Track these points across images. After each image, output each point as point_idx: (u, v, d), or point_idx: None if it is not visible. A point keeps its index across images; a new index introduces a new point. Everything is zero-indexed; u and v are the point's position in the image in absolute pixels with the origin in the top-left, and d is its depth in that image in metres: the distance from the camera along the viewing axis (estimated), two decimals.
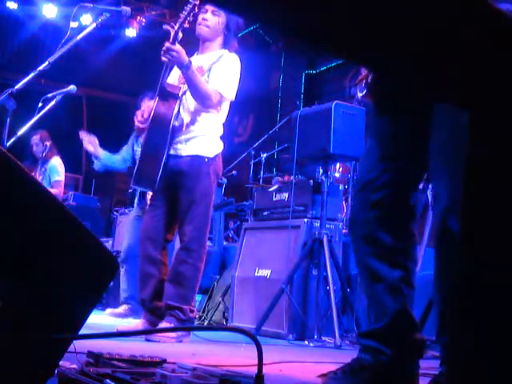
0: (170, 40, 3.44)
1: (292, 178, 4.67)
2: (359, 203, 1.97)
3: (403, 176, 1.93)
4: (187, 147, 3.58)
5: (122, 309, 4.90)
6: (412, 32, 0.70)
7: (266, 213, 4.88)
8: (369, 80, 2.01)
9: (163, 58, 3.46)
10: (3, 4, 9.89)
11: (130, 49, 10.79)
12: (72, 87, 4.51)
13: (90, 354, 1.78)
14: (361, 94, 2.04)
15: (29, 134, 4.64)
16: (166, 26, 3.55)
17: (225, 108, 3.68)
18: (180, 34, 3.47)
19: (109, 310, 4.94)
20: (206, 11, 3.63)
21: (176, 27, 3.45)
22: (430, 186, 4.42)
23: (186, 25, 3.51)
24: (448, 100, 1.02)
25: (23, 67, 4.62)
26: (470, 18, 0.70)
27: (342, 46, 0.74)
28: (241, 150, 7.27)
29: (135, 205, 5.16)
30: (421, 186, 4.01)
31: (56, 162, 6.59)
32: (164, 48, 3.42)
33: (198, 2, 3.49)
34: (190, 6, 3.47)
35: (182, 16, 3.49)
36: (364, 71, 2.05)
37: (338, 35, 0.71)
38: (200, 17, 3.63)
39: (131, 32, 10.38)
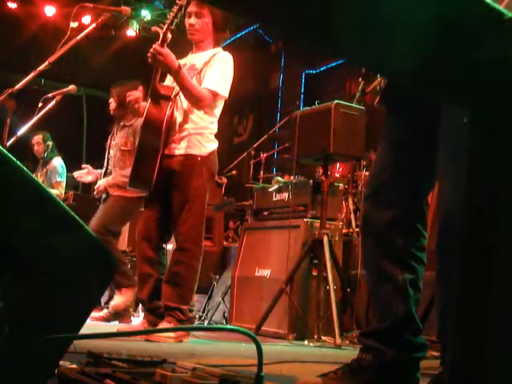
0: (159, 42, 3.42)
1: (292, 178, 4.67)
2: (372, 204, 1.97)
3: (415, 178, 1.93)
4: (180, 146, 3.58)
5: (103, 313, 4.74)
6: (412, 32, 0.70)
7: (266, 213, 4.88)
8: (382, 85, 2.01)
9: (149, 61, 3.44)
10: (3, 4, 9.89)
11: (129, 49, 10.78)
12: (72, 87, 4.52)
13: (89, 353, 1.77)
14: (376, 102, 2.04)
15: (29, 134, 4.64)
16: (154, 28, 3.54)
17: (219, 106, 3.67)
18: (169, 36, 3.45)
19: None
20: (190, 15, 3.62)
21: (164, 29, 3.44)
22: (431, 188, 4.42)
23: (174, 27, 3.50)
24: (448, 100, 1.02)
25: (23, 67, 4.61)
26: (469, 17, 0.70)
27: (342, 46, 0.74)
28: (241, 149, 7.26)
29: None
30: None
31: (58, 163, 6.59)
32: (152, 50, 3.40)
33: (184, 3, 3.48)
34: (176, 7, 3.46)
35: (169, 17, 3.48)
36: (376, 77, 2.05)
37: (337, 35, 0.71)
38: (186, 23, 3.62)
39: (131, 32, 10.37)
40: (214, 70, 3.59)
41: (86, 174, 4.92)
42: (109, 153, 4.83)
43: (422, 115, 1.88)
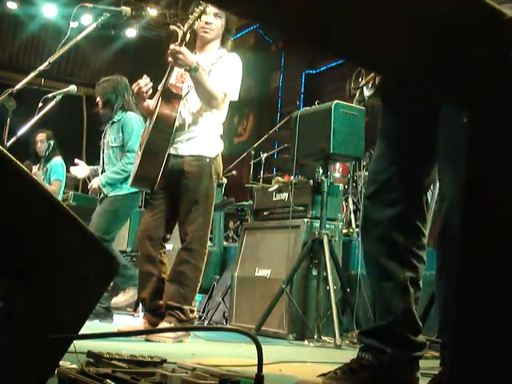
0: (178, 41, 3.42)
1: (292, 178, 4.67)
2: (372, 204, 1.97)
3: (415, 177, 1.94)
4: (188, 147, 3.58)
5: None
6: (412, 32, 0.70)
7: (266, 213, 4.88)
8: (376, 81, 2.01)
9: (169, 60, 3.45)
10: (3, 4, 9.89)
11: (129, 49, 10.79)
12: (72, 87, 4.52)
13: (90, 353, 1.77)
14: (368, 95, 2.04)
15: (29, 133, 4.65)
16: (173, 27, 3.54)
17: (225, 107, 3.68)
18: (188, 36, 3.46)
19: None
20: (208, 14, 3.63)
21: (185, 29, 3.44)
22: (430, 186, 4.42)
23: (195, 27, 3.51)
24: (448, 100, 1.02)
25: (23, 67, 4.62)
26: (469, 17, 0.70)
27: (342, 46, 0.74)
28: (241, 149, 7.27)
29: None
30: None
31: (58, 162, 6.61)
32: (170, 51, 3.41)
33: (208, 5, 3.48)
34: (201, 8, 3.46)
35: (191, 18, 3.47)
36: (370, 72, 2.05)
37: (337, 35, 0.71)
38: (202, 20, 3.62)
39: (131, 32, 10.38)
40: (224, 71, 3.59)
41: (79, 169, 4.93)
42: (103, 152, 4.85)
43: (420, 112, 1.88)
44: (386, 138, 2.00)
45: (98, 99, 4.81)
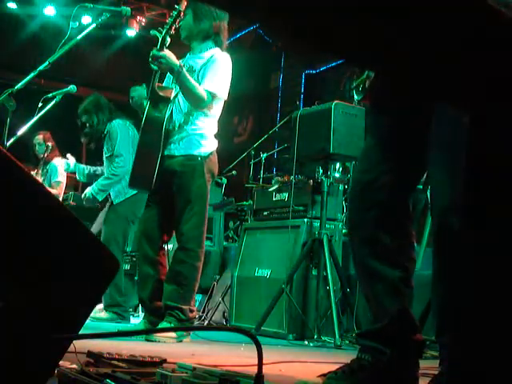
0: (158, 46, 3.46)
1: (292, 178, 4.67)
2: (358, 204, 1.97)
3: (402, 176, 1.93)
4: (180, 147, 3.60)
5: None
6: (411, 32, 0.70)
7: (265, 213, 4.88)
8: (366, 84, 2.01)
9: (152, 65, 3.49)
10: (3, 4, 9.89)
11: (130, 49, 10.78)
12: (72, 87, 4.53)
13: (90, 353, 1.78)
14: (357, 99, 2.04)
15: (29, 134, 4.68)
16: (153, 32, 3.57)
17: (218, 106, 3.68)
18: (168, 40, 3.49)
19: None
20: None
21: (163, 33, 3.47)
22: (429, 186, 4.42)
23: (173, 31, 3.53)
24: (448, 100, 1.02)
25: (23, 67, 4.63)
26: (469, 18, 0.70)
27: (342, 46, 0.74)
28: (241, 149, 7.26)
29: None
30: (421, 186, 4.03)
31: (57, 163, 6.61)
32: (151, 55, 3.45)
33: (183, 9, 3.51)
34: (175, 12, 3.50)
35: (168, 22, 3.52)
36: (359, 75, 2.05)
37: (337, 36, 0.71)
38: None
39: (131, 32, 10.37)
40: (213, 71, 3.60)
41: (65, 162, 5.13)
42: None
43: (409, 115, 1.88)
44: (373, 136, 1.99)
45: (87, 124, 4.91)
